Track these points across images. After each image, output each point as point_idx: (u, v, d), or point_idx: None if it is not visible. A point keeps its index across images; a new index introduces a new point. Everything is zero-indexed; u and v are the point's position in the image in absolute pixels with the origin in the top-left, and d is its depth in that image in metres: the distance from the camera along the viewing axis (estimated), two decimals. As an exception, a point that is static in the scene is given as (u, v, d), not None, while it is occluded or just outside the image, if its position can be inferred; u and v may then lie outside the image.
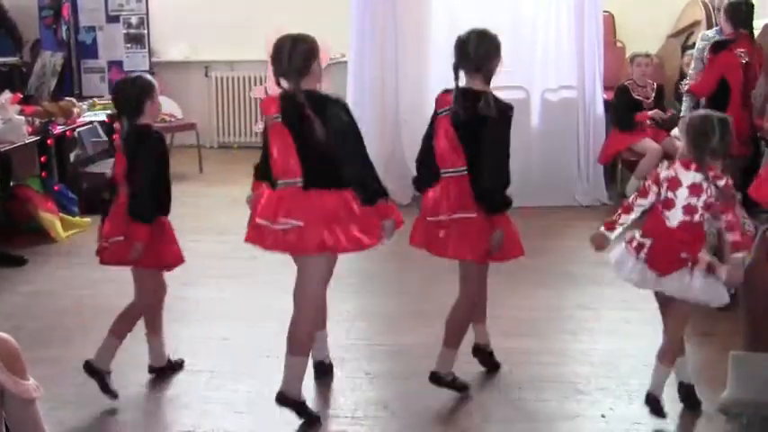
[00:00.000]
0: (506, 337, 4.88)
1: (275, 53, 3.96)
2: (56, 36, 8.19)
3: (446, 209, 4.12)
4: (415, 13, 7.82)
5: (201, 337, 5.03)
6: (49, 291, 5.70)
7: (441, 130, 4.13)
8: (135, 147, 4.30)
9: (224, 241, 6.78)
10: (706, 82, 6.58)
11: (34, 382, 2.52)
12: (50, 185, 7.18)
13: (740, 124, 6.28)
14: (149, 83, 4.38)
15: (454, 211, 4.11)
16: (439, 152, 4.14)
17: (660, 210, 3.93)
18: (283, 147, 3.88)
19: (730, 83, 6.33)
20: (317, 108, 3.82)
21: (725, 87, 6.37)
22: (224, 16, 10.34)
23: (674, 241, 3.87)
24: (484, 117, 4.04)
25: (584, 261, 6.20)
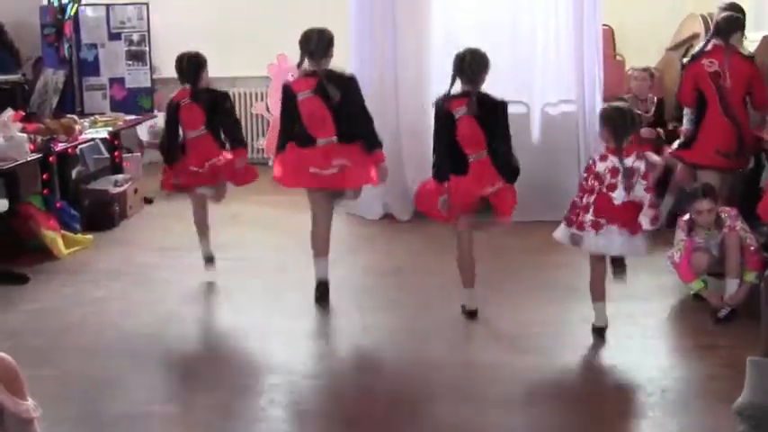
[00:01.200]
0: (507, 353, 4.89)
1: (305, 40, 5.44)
2: (58, 54, 8.20)
3: (489, 183, 5.22)
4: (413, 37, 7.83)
5: (202, 354, 5.02)
6: (52, 308, 5.69)
7: (463, 125, 5.16)
8: (211, 101, 6.00)
9: (224, 258, 6.79)
10: (682, 93, 6.62)
11: (33, 402, 2.51)
12: (52, 203, 7.18)
13: (724, 134, 6.29)
14: (204, 58, 6.25)
15: (493, 184, 5.23)
16: (467, 142, 5.18)
17: (605, 193, 4.87)
18: (318, 114, 5.30)
19: (705, 93, 6.34)
20: (339, 82, 5.32)
21: (702, 98, 6.39)
22: (225, 33, 10.36)
23: (623, 214, 4.87)
24: (499, 107, 5.25)
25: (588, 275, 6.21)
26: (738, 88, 6.28)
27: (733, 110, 6.28)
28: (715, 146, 6.29)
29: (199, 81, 6.07)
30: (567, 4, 7.76)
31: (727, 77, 6.26)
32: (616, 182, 4.85)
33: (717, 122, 6.29)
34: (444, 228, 7.28)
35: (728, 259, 5.34)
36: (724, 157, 6.27)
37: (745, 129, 6.31)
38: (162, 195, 8.90)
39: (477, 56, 5.26)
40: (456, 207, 5.28)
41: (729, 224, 5.37)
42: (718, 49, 6.35)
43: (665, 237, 6.32)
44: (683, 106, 6.84)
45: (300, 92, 5.35)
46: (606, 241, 4.93)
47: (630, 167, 4.85)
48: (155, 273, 6.43)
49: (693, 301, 5.57)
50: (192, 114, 5.99)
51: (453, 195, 5.24)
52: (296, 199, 7.93)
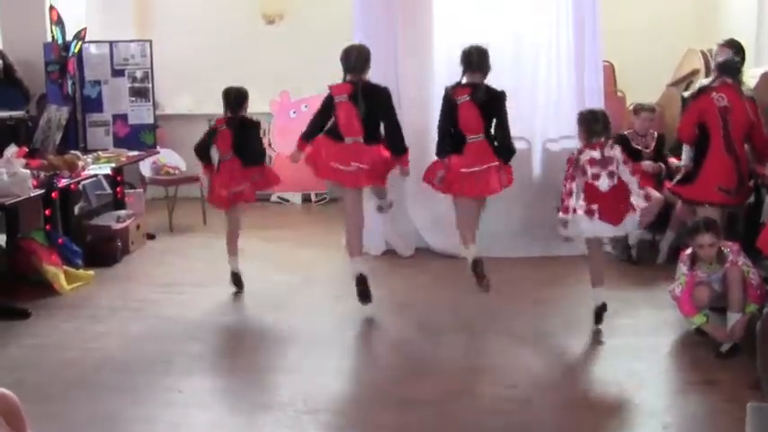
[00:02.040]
0: (513, 387, 4.87)
1: (346, 57, 6.15)
2: (62, 90, 8.25)
3: (479, 162, 6.03)
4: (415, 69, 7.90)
5: (204, 390, 5.00)
6: (53, 344, 5.68)
7: (465, 110, 6.03)
8: (243, 129, 6.76)
9: (227, 293, 6.80)
10: (684, 126, 6.62)
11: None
12: (55, 238, 7.20)
13: (726, 170, 6.31)
14: (247, 91, 6.95)
15: (484, 163, 6.02)
16: (466, 125, 6.03)
17: (591, 183, 5.55)
18: (349, 116, 6.00)
19: (709, 126, 6.35)
20: (372, 92, 6.06)
21: (705, 133, 6.40)
22: (226, 69, 10.43)
23: (611, 200, 5.52)
24: (498, 97, 6.08)
25: (590, 311, 6.21)
26: (742, 125, 6.30)
27: (736, 146, 6.29)
28: (717, 182, 6.30)
29: (240, 111, 6.82)
30: (567, 41, 7.82)
31: (739, 114, 6.28)
32: (598, 171, 5.56)
33: (720, 158, 6.30)
34: (446, 264, 7.32)
35: (731, 294, 5.33)
36: (725, 194, 6.28)
37: (744, 166, 6.33)
38: (165, 231, 8.96)
39: (481, 50, 6.18)
40: (454, 182, 6.09)
41: (732, 259, 5.37)
42: (726, 85, 6.38)
43: (666, 271, 6.34)
44: (680, 140, 6.87)
45: (337, 95, 6.09)
46: (600, 226, 5.57)
47: (607, 156, 5.57)
48: (156, 309, 6.43)
49: (695, 335, 5.55)
50: (224, 139, 6.72)
51: (451, 171, 6.07)
52: (300, 234, 7.98)
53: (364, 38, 7.85)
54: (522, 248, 7.69)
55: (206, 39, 10.63)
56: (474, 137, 6.05)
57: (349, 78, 6.12)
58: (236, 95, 6.86)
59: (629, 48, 9.39)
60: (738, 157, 6.29)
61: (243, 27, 10.67)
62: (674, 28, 9.61)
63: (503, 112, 6.11)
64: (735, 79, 6.42)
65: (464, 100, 6.03)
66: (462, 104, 6.04)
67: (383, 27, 7.82)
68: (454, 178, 6.10)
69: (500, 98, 6.11)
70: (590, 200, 5.57)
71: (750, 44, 7.75)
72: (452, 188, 6.20)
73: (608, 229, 5.65)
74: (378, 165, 6.12)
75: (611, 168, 5.57)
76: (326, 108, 6.17)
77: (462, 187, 6.13)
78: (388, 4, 7.82)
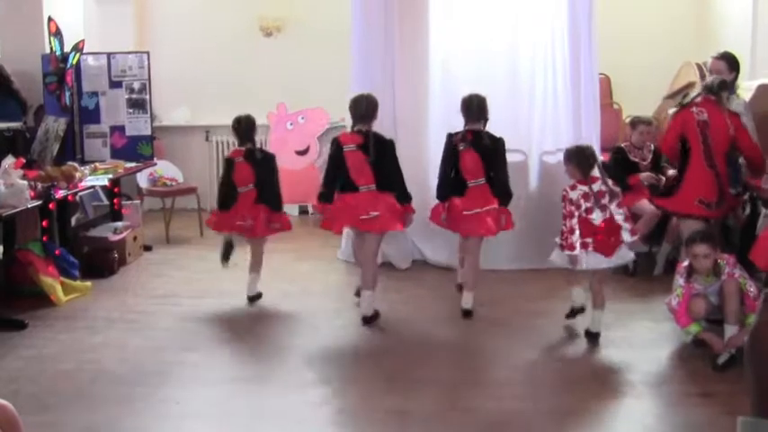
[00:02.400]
0: (507, 401, 4.87)
1: (355, 106, 6.36)
2: (59, 102, 8.25)
3: (480, 205, 6.37)
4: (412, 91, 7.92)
5: (201, 403, 5.00)
6: (49, 355, 5.67)
7: (466, 157, 6.38)
8: (262, 160, 6.83)
9: (224, 304, 6.80)
10: (665, 140, 6.66)
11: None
12: (51, 249, 7.19)
13: (706, 184, 6.33)
14: (254, 119, 6.97)
15: (485, 205, 6.37)
16: (467, 170, 6.39)
17: (585, 217, 5.76)
18: (361, 165, 6.19)
19: (690, 141, 6.38)
20: (379, 142, 6.26)
21: (686, 146, 6.44)
22: (224, 81, 10.49)
23: (604, 233, 5.75)
24: (498, 144, 6.45)
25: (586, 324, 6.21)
26: (723, 141, 6.33)
27: (716, 161, 6.33)
28: (697, 195, 6.35)
29: (253, 140, 6.95)
30: (563, 54, 7.84)
31: (720, 128, 6.32)
32: (591, 205, 5.78)
33: (700, 172, 6.35)
34: (442, 276, 7.33)
35: (727, 306, 5.35)
36: (705, 207, 6.32)
37: (723, 180, 6.37)
38: (162, 243, 8.96)
39: (480, 99, 6.49)
40: (455, 220, 6.45)
41: (728, 271, 5.38)
42: (708, 101, 6.42)
43: (663, 283, 6.35)
44: (663, 154, 6.92)
45: (346, 145, 6.24)
46: (595, 259, 5.78)
47: (598, 191, 5.78)
48: (153, 320, 6.42)
49: (692, 348, 5.56)
50: (242, 172, 6.78)
51: (453, 211, 6.42)
52: (300, 247, 7.98)
53: (361, 51, 7.90)
54: (518, 261, 7.70)
55: (203, 51, 10.66)
56: (475, 181, 6.39)
57: (358, 128, 6.31)
58: (246, 124, 6.93)
59: (625, 60, 9.45)
60: (719, 171, 6.33)
61: (240, 39, 10.69)
62: (669, 41, 9.65)
63: (502, 159, 6.51)
64: (718, 97, 6.45)
65: (466, 147, 6.36)
66: (464, 151, 6.37)
67: (380, 40, 7.84)
68: (458, 218, 6.45)
69: (500, 145, 6.47)
70: (585, 234, 5.77)
71: (745, 56, 7.79)
72: (457, 228, 6.57)
73: (603, 261, 5.80)
74: (394, 209, 6.32)
75: (603, 202, 5.79)
76: (338, 159, 6.29)
77: (465, 228, 6.48)
78: (386, 16, 7.83)
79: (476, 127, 6.44)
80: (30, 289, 6.81)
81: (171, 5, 10.83)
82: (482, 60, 7.96)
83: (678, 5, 9.97)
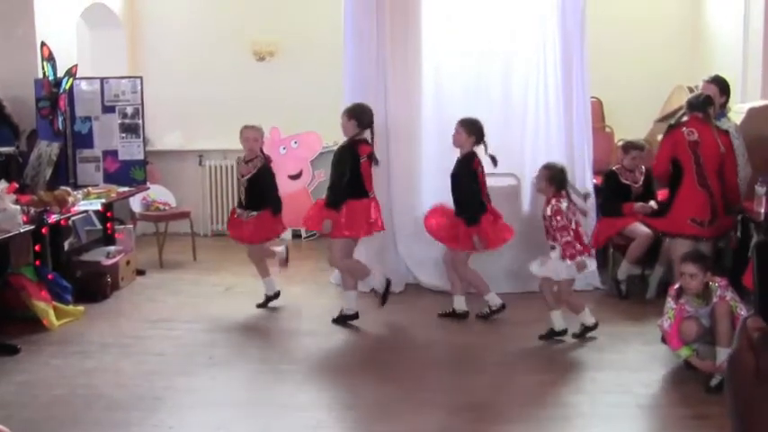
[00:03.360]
0: (503, 423, 4.87)
1: (362, 112, 6.85)
2: (52, 126, 8.26)
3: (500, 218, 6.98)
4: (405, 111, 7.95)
5: (196, 426, 4.98)
6: (42, 380, 5.65)
7: (483, 176, 6.90)
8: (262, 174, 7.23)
9: (217, 329, 6.79)
10: (658, 162, 6.71)
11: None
12: (44, 274, 7.18)
13: (698, 204, 6.37)
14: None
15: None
16: (485, 190, 6.89)
17: (578, 226, 6.36)
18: (370, 173, 6.81)
19: (681, 161, 6.43)
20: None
21: (678, 167, 6.48)
22: (217, 106, 10.50)
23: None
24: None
25: (579, 345, 6.23)
26: (714, 159, 6.39)
27: (708, 180, 6.37)
28: (689, 215, 6.39)
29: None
30: (555, 77, 7.87)
31: (711, 148, 6.36)
32: (577, 216, 6.35)
33: (692, 192, 6.40)
34: (436, 300, 7.33)
35: (719, 329, 5.35)
36: (697, 226, 6.36)
37: (717, 199, 6.40)
38: (155, 267, 8.94)
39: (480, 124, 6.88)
40: (492, 239, 6.86)
41: (719, 294, 5.39)
42: (697, 120, 6.47)
43: (656, 306, 6.36)
44: (656, 177, 6.96)
45: (362, 156, 6.73)
46: (592, 263, 6.52)
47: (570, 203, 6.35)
48: (146, 345, 6.41)
49: (685, 370, 5.57)
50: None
51: (485, 231, 6.75)
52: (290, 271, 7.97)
53: (353, 74, 7.93)
54: (510, 284, 7.70)
55: (197, 75, 10.68)
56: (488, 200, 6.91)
57: (365, 137, 6.83)
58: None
59: (617, 84, 9.49)
60: (712, 191, 6.37)
61: (234, 64, 10.72)
62: (661, 64, 9.70)
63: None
64: (705, 113, 6.49)
65: (481, 169, 6.84)
66: (481, 172, 6.86)
67: (372, 61, 7.87)
68: (492, 235, 6.85)
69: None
70: (582, 242, 6.31)
71: (736, 80, 7.85)
72: (494, 244, 6.94)
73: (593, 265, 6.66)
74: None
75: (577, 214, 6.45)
76: (354, 167, 6.70)
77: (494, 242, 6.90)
78: (378, 36, 7.85)
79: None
80: (22, 313, 6.79)
81: (164, 30, 10.86)
82: (474, 84, 7.99)
83: (670, 29, 10.03)
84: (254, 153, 7.26)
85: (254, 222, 7.20)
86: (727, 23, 8.99)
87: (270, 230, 7.37)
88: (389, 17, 7.86)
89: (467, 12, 8.03)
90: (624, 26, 9.90)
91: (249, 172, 7.21)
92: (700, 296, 5.46)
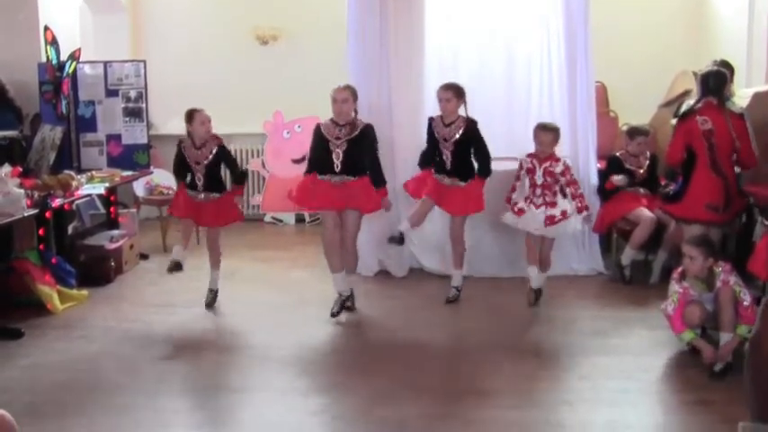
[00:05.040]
0: (504, 408, 4.87)
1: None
2: (56, 110, 8.26)
3: None
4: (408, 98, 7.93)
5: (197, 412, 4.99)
6: (45, 364, 5.67)
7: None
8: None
9: (220, 314, 6.80)
10: (673, 150, 6.66)
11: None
12: (48, 258, 7.19)
13: (713, 190, 6.36)
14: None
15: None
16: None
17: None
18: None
19: (695, 149, 6.41)
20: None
21: (692, 154, 6.46)
22: (221, 90, 10.47)
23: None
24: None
25: (583, 331, 6.23)
26: (727, 145, 6.35)
27: (722, 166, 6.35)
28: (704, 201, 6.36)
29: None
30: (560, 62, 7.85)
31: (725, 135, 6.33)
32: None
33: (706, 178, 6.37)
34: (439, 284, 7.32)
35: (722, 314, 5.35)
36: (713, 211, 6.33)
37: (732, 184, 6.38)
38: (158, 251, 8.94)
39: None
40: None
41: (723, 278, 5.39)
42: (710, 106, 6.42)
43: (659, 291, 6.35)
44: (669, 165, 6.93)
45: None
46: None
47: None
48: (149, 329, 6.42)
49: (689, 355, 5.57)
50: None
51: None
52: (293, 255, 7.97)
53: (357, 59, 7.90)
54: (510, 268, 7.70)
55: (200, 59, 10.67)
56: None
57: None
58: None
59: (621, 68, 9.45)
60: (726, 176, 6.34)
61: (237, 48, 10.70)
62: (665, 49, 9.67)
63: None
64: (719, 97, 6.45)
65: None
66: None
67: (376, 47, 7.84)
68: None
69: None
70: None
71: (741, 65, 7.81)
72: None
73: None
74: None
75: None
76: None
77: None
78: (382, 23, 7.83)
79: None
80: (26, 298, 6.80)
81: (167, 14, 10.84)
82: (478, 68, 7.98)
83: (674, 14, 9.99)
84: (207, 137, 6.95)
85: (216, 204, 6.97)
86: (732, 8, 8.95)
87: (233, 213, 7.11)
88: (393, 1, 7.82)
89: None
90: (629, 10, 9.86)
91: (206, 157, 6.88)
92: (703, 281, 5.46)
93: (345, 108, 6.66)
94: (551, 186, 6.61)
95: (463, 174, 6.88)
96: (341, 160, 6.61)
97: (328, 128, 6.71)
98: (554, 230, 6.68)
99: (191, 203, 6.95)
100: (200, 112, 6.90)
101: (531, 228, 6.70)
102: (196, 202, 6.94)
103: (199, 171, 6.92)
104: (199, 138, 6.90)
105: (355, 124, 6.68)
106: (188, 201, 6.97)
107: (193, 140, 6.92)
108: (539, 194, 6.68)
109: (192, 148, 6.92)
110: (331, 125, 6.70)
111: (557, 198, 6.63)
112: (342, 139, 6.62)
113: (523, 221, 6.72)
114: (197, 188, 6.95)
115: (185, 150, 6.95)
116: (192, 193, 6.97)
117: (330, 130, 6.69)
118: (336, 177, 6.62)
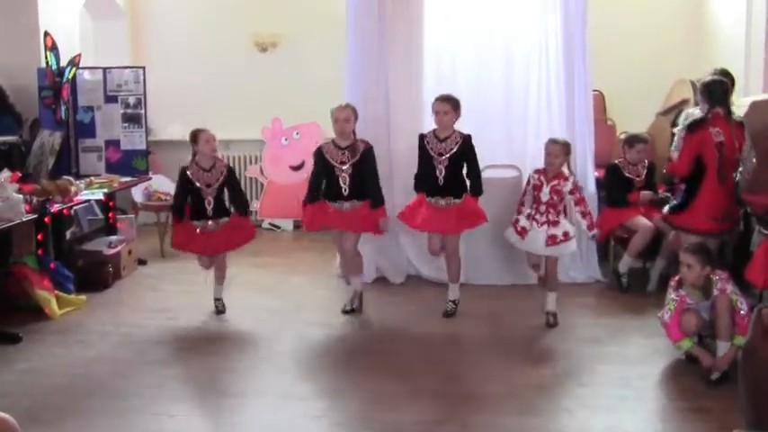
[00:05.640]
0: (503, 415, 4.88)
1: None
2: (55, 116, 8.27)
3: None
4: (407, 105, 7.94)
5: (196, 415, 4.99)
6: (44, 369, 5.67)
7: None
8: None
9: (220, 318, 6.81)
10: (682, 161, 6.65)
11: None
12: (46, 263, 7.20)
13: (718, 201, 6.39)
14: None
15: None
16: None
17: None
18: None
19: (706, 161, 6.43)
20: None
21: (701, 165, 6.47)
22: (219, 96, 10.50)
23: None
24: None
25: (581, 339, 6.23)
26: (733, 155, 6.37)
27: (728, 178, 6.36)
28: (707, 213, 6.39)
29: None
30: (557, 70, 7.86)
31: (732, 147, 6.35)
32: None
33: (712, 191, 6.40)
34: (436, 292, 7.33)
35: (719, 322, 5.35)
36: (713, 221, 6.35)
37: (732, 193, 6.40)
38: (156, 257, 8.95)
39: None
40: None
41: (720, 287, 5.39)
42: (719, 118, 6.44)
43: (656, 299, 6.36)
44: (676, 176, 6.94)
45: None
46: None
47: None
48: (147, 334, 6.42)
49: (685, 363, 5.58)
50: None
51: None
52: (291, 261, 7.98)
53: (356, 66, 7.91)
54: (508, 276, 7.72)
55: (199, 66, 10.69)
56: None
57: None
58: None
59: (618, 76, 9.46)
60: (729, 186, 6.36)
61: (236, 55, 10.72)
62: (663, 57, 9.68)
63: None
64: (726, 107, 6.47)
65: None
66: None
67: (375, 54, 7.86)
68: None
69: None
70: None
71: (739, 74, 7.82)
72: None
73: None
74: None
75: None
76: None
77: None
78: (380, 30, 7.84)
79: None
80: (25, 302, 6.81)
81: (166, 21, 10.86)
82: (476, 76, 7.98)
83: (672, 22, 10.01)
84: (214, 158, 6.86)
85: (226, 229, 6.83)
86: (730, 16, 8.98)
87: (247, 232, 7.02)
88: (392, 7, 7.85)
89: (468, 3, 8.02)
90: (627, 18, 9.89)
91: (217, 179, 6.75)
92: (699, 289, 5.47)
93: (347, 128, 6.64)
94: (556, 205, 6.53)
95: (457, 190, 6.71)
96: (348, 184, 6.62)
97: (331, 152, 6.67)
98: (556, 251, 6.60)
99: (198, 236, 6.79)
100: (204, 131, 6.74)
101: (532, 249, 6.65)
102: (204, 232, 6.78)
103: (209, 194, 6.74)
104: (206, 159, 6.76)
105: (356, 146, 6.65)
106: (194, 234, 6.79)
107: (199, 163, 6.78)
108: (543, 212, 6.57)
109: (200, 171, 6.76)
110: (333, 148, 6.68)
111: (560, 217, 6.56)
112: (347, 164, 6.61)
113: (526, 243, 6.63)
114: (206, 215, 6.77)
115: (193, 175, 6.74)
116: (201, 224, 6.78)
117: (333, 155, 6.65)
118: (347, 203, 6.66)
